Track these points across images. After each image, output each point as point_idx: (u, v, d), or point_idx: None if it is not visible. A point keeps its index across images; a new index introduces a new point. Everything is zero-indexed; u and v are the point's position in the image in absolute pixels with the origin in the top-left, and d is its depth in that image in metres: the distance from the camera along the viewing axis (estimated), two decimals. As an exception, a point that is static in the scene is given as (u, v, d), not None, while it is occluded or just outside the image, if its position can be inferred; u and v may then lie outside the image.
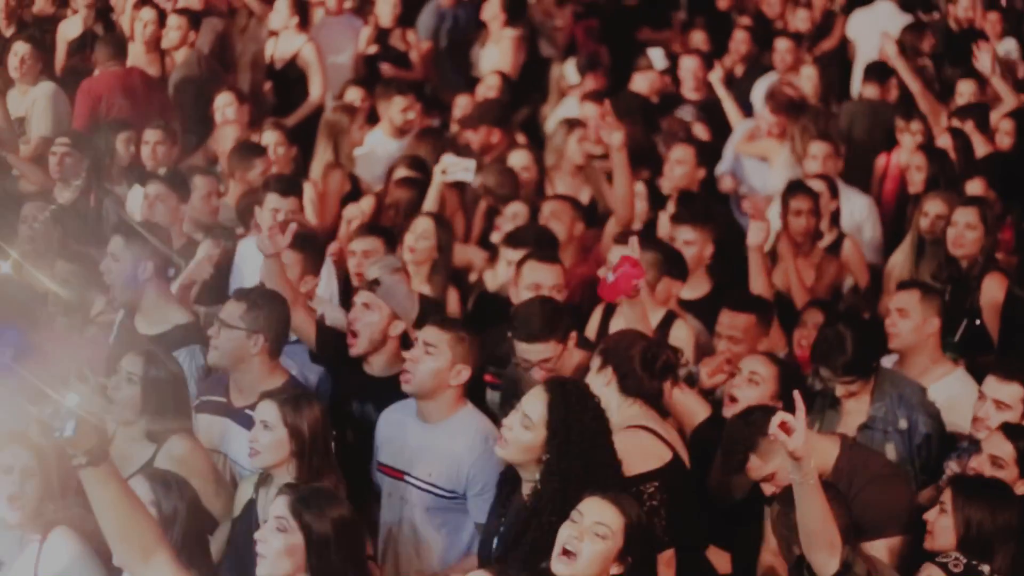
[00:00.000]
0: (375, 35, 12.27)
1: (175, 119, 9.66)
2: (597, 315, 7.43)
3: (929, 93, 10.85)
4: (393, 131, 10.30)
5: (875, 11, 13.20)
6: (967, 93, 10.87)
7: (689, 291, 7.86)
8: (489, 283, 8.40)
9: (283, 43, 11.29)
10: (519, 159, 9.75)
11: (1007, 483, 5.45)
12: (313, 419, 5.47)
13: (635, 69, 11.87)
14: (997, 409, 5.92)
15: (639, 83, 11.69)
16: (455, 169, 8.57)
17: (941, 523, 5.27)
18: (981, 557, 4.99)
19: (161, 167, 8.82)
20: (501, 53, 12.41)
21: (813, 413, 6.52)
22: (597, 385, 5.65)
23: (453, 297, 8.14)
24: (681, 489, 5.66)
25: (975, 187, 9.17)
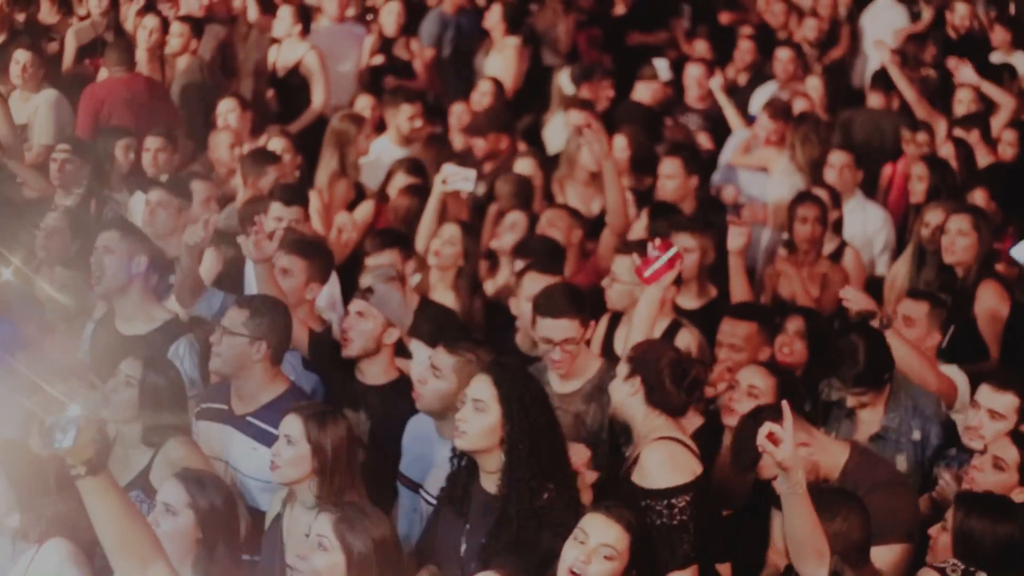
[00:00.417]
0: (379, 44, 12.29)
1: (178, 126, 9.67)
2: (603, 324, 7.41)
3: (925, 102, 10.86)
4: (400, 139, 10.30)
5: (877, 6, 13.29)
6: (966, 100, 10.89)
7: (693, 300, 7.87)
8: (489, 291, 8.42)
9: (286, 51, 11.31)
10: (524, 167, 9.76)
11: (1009, 498, 5.43)
12: (337, 437, 5.39)
13: (638, 78, 11.87)
14: (991, 419, 5.90)
15: (641, 92, 11.69)
16: (455, 179, 8.55)
17: (943, 540, 5.24)
18: (981, 567, 4.97)
19: (162, 174, 8.83)
20: (503, 61, 12.44)
21: (828, 423, 6.54)
22: (622, 394, 5.66)
23: (478, 305, 8.15)
24: (709, 503, 5.65)
25: (977, 197, 9.18)
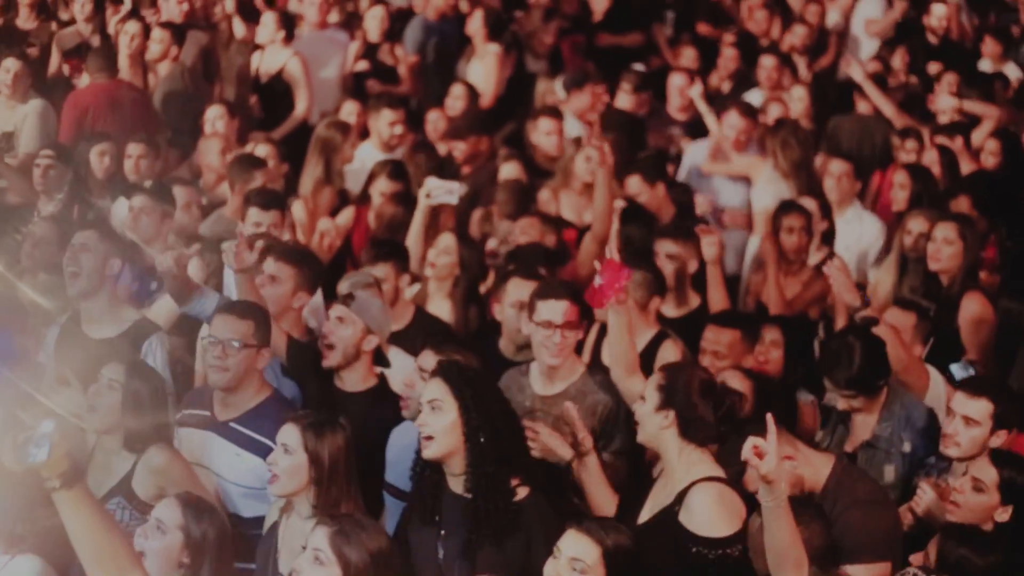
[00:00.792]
0: (363, 50, 12.29)
1: (160, 132, 9.66)
2: (592, 335, 7.36)
3: (904, 113, 10.90)
4: (382, 145, 10.30)
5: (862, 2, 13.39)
6: (948, 110, 10.92)
7: (674, 308, 7.86)
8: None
9: (269, 57, 11.30)
10: (510, 171, 9.77)
11: (989, 532, 5.45)
12: (335, 447, 5.38)
13: (617, 87, 11.87)
14: (966, 425, 5.87)
15: (623, 101, 11.70)
16: (439, 192, 8.54)
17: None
18: None
19: (145, 180, 8.82)
20: (485, 68, 12.43)
21: (826, 429, 6.55)
22: (653, 426, 5.49)
23: (474, 314, 8.16)
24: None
25: (960, 205, 9.20)
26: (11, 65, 9.35)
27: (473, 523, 5.21)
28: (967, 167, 9.93)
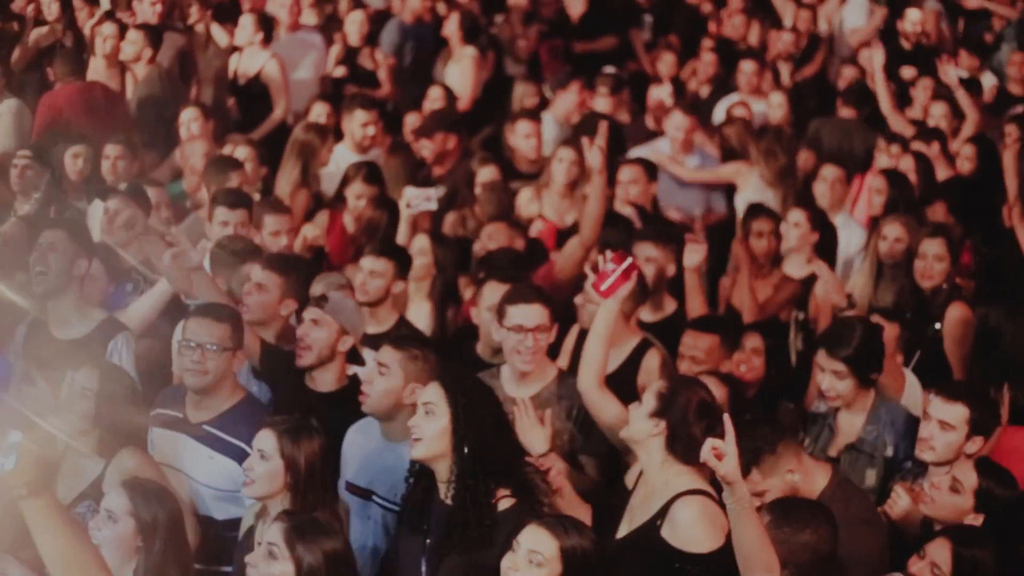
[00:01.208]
0: (343, 53, 12.27)
1: (136, 133, 9.63)
2: (571, 339, 7.36)
3: (899, 112, 10.93)
4: (355, 146, 10.27)
5: (848, 6, 13.47)
6: (938, 115, 10.92)
7: (651, 313, 7.81)
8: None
9: (247, 59, 11.26)
10: (487, 174, 9.76)
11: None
12: (311, 452, 5.38)
13: (594, 91, 11.88)
14: (941, 430, 5.87)
15: (600, 104, 11.72)
16: (418, 200, 8.55)
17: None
18: None
19: (121, 182, 8.78)
20: (461, 71, 12.44)
21: (810, 435, 6.54)
22: (642, 429, 5.45)
23: (452, 316, 8.16)
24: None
25: (936, 211, 9.22)
26: None
27: (448, 530, 5.20)
28: (943, 173, 9.95)
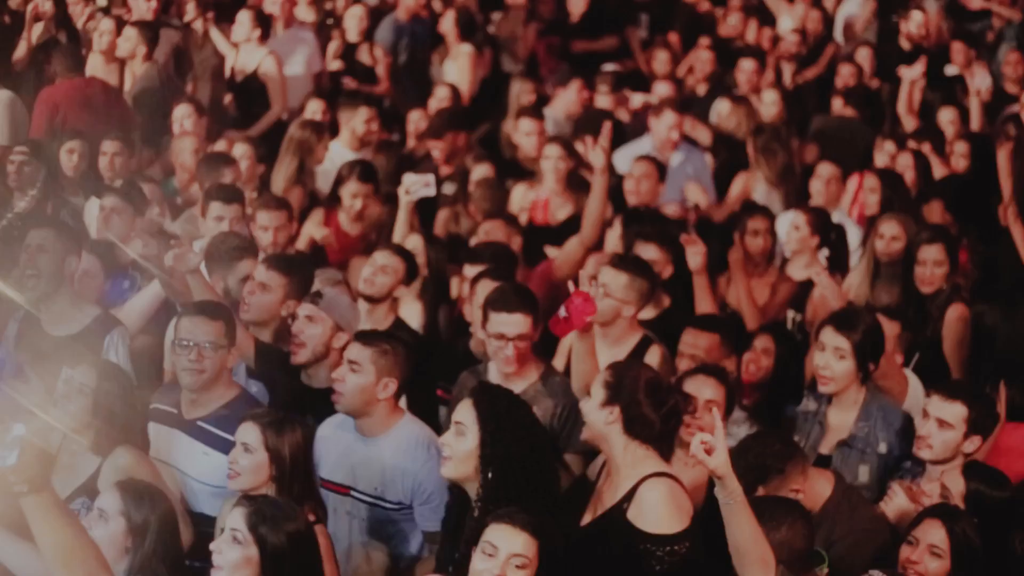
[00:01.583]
0: (341, 49, 12.27)
1: (134, 130, 9.63)
2: (569, 336, 7.32)
3: (915, 114, 10.97)
4: (354, 142, 10.28)
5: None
6: (946, 121, 10.92)
7: (651, 308, 7.76)
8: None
9: (244, 56, 11.28)
10: (481, 171, 9.77)
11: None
12: (295, 444, 5.42)
13: (593, 89, 11.89)
14: (939, 428, 5.90)
15: (601, 102, 11.73)
16: (416, 187, 8.55)
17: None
18: None
19: (118, 178, 8.79)
20: (459, 68, 12.46)
21: (800, 433, 6.54)
22: (598, 421, 5.47)
23: (444, 315, 8.16)
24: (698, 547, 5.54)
25: (932, 210, 9.22)
26: None
27: (465, 549, 5.18)
28: (939, 171, 9.95)
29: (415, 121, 11.17)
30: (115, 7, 10.75)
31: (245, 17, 11.31)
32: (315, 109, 10.62)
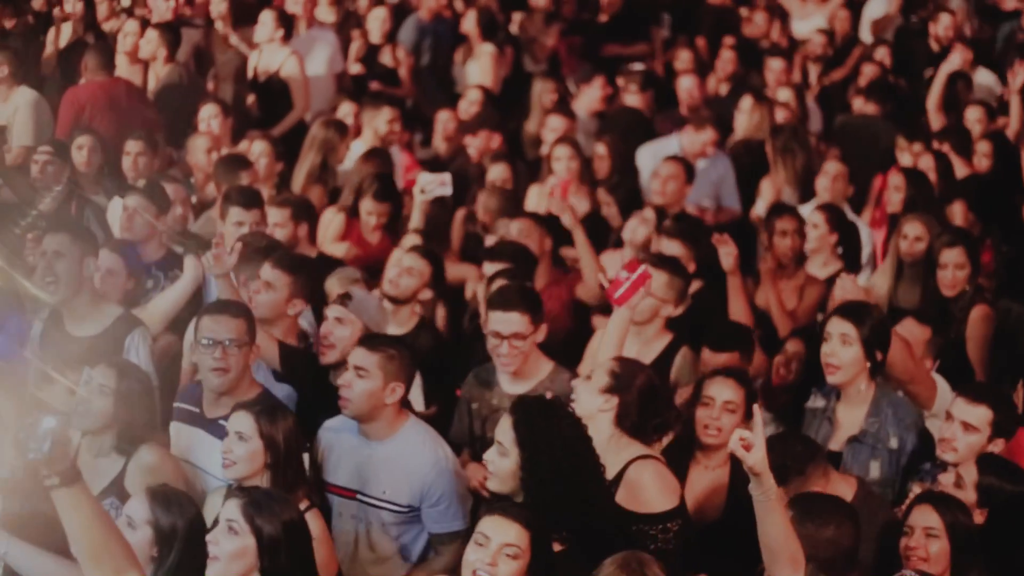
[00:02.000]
0: (364, 51, 12.29)
1: (158, 130, 9.65)
2: (596, 342, 7.27)
3: (942, 112, 10.94)
4: (376, 142, 10.25)
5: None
6: (973, 120, 10.88)
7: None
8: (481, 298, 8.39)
9: (267, 56, 11.28)
10: (498, 171, 9.77)
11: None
12: (288, 430, 5.49)
13: (620, 87, 11.89)
14: (964, 431, 5.88)
15: (631, 100, 11.72)
16: (432, 186, 8.56)
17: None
18: None
19: (141, 178, 8.81)
20: (481, 69, 12.46)
21: (809, 430, 6.50)
22: (592, 404, 5.53)
23: (441, 314, 8.14)
24: (689, 526, 5.58)
25: (955, 210, 9.19)
26: (0, 59, 9.35)
27: None
28: (962, 171, 9.92)
29: (443, 122, 11.17)
30: (138, 7, 10.78)
31: (268, 17, 11.32)
32: (346, 112, 10.64)
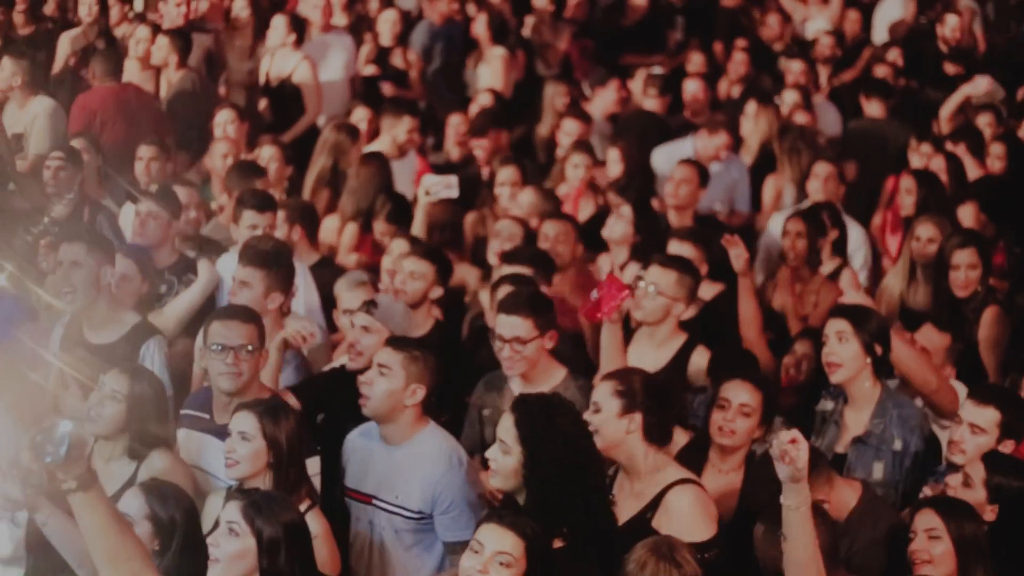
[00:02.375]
0: (374, 54, 12.30)
1: (169, 136, 9.68)
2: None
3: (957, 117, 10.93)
4: (393, 149, 10.26)
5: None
6: (983, 124, 10.86)
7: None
8: (484, 303, 8.38)
9: (279, 61, 11.30)
10: (508, 174, 9.76)
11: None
12: (290, 430, 5.50)
13: (639, 90, 11.91)
14: (972, 433, 5.87)
15: (649, 104, 11.73)
16: (438, 188, 8.58)
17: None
18: None
19: (154, 183, 8.83)
20: (492, 72, 12.47)
21: (813, 431, 6.50)
22: (617, 431, 5.47)
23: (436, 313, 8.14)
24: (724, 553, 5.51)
25: (967, 211, 9.17)
26: (17, 67, 9.37)
27: None
28: (974, 173, 9.90)
29: (455, 125, 11.18)
30: (150, 11, 10.80)
31: (280, 22, 11.34)
32: (361, 117, 10.66)
